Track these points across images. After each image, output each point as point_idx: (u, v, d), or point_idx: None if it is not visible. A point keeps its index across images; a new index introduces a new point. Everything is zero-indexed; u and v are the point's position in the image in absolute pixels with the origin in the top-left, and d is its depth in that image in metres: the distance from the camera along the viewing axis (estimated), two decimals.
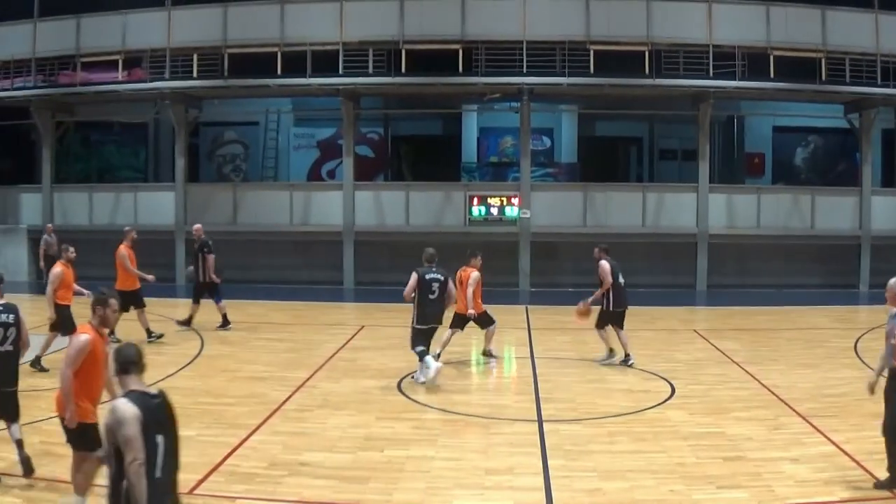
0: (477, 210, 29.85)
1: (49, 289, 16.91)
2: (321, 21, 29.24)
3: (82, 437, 8.86)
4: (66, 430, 9.03)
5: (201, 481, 10.41)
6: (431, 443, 11.98)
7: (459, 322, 17.43)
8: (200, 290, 21.61)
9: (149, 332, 19.62)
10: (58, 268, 17.28)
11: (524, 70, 28.40)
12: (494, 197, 30.19)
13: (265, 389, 15.22)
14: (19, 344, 10.50)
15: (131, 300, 19.38)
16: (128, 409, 6.38)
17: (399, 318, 19.24)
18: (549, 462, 11.15)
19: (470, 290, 16.94)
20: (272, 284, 29.84)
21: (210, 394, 15.04)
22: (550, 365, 17.49)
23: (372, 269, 30.07)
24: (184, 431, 12.12)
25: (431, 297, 15.41)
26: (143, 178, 37.81)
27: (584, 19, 28.45)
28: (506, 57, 28.36)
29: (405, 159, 38.27)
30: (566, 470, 10.83)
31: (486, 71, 28.59)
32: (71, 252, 17.84)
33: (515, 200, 29.78)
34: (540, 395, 14.88)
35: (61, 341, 15.61)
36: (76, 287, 17.03)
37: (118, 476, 6.43)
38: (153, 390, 6.72)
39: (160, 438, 6.49)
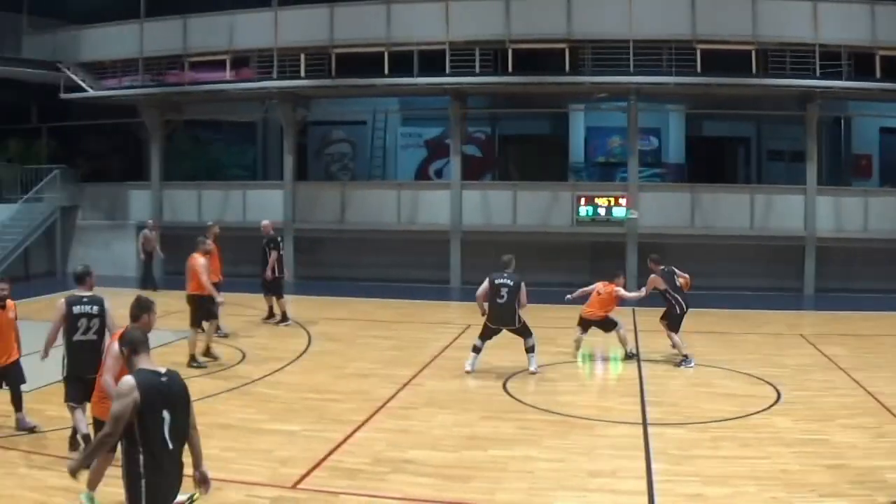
0: (584, 210, 29.61)
1: (203, 279, 17.56)
2: (427, 20, 29.19)
3: None
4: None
5: (305, 476, 10.68)
6: (535, 443, 12.03)
7: (584, 325, 18.29)
8: (275, 286, 22.19)
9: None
10: (202, 258, 17.91)
11: (631, 69, 28.14)
12: (602, 197, 29.85)
13: (370, 386, 15.42)
14: (104, 334, 11.26)
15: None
16: (126, 388, 6.86)
17: None
18: (653, 466, 11.16)
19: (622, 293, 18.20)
20: (379, 282, 29.92)
21: (315, 390, 15.31)
22: (656, 367, 17.38)
23: (478, 268, 29.93)
24: (288, 426, 12.58)
25: (499, 300, 16.42)
26: (251, 176, 38.35)
27: (690, 18, 27.94)
28: (612, 56, 28.01)
29: (512, 159, 38.18)
30: (669, 474, 10.82)
31: (593, 70, 28.34)
32: (209, 244, 18.52)
33: (623, 201, 29.47)
34: (645, 398, 14.85)
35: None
36: None
37: (129, 448, 6.94)
38: (162, 369, 7.13)
39: (166, 413, 6.93)
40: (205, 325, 17.81)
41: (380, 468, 10.96)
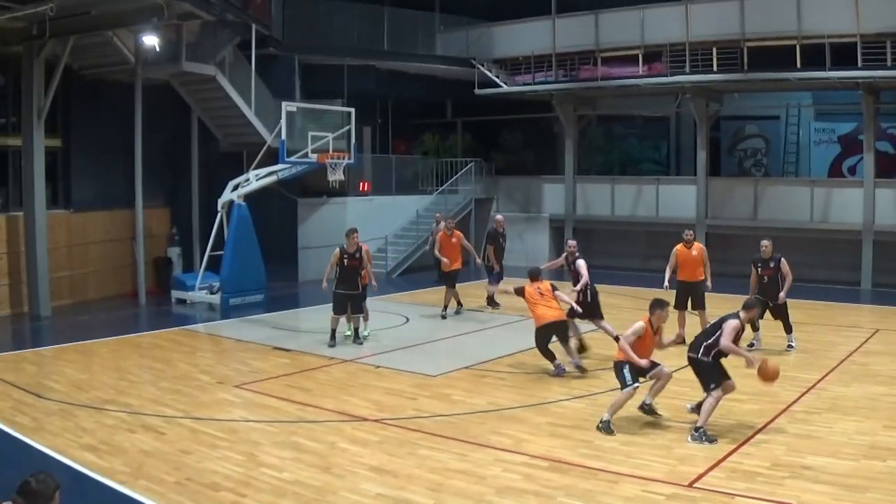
0: None
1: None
2: (838, 12, 28.10)
3: None
4: None
5: (702, 475, 10.94)
6: None
7: None
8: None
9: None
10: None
11: None
12: None
13: (775, 388, 15.24)
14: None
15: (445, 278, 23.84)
16: None
17: None
18: None
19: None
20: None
21: None
22: None
23: (891, 270, 28.94)
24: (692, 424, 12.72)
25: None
26: (664, 171, 38.69)
27: None
28: None
29: None
30: None
31: None
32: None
33: None
34: None
35: None
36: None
37: None
38: None
39: None
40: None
41: (777, 472, 11.01)
